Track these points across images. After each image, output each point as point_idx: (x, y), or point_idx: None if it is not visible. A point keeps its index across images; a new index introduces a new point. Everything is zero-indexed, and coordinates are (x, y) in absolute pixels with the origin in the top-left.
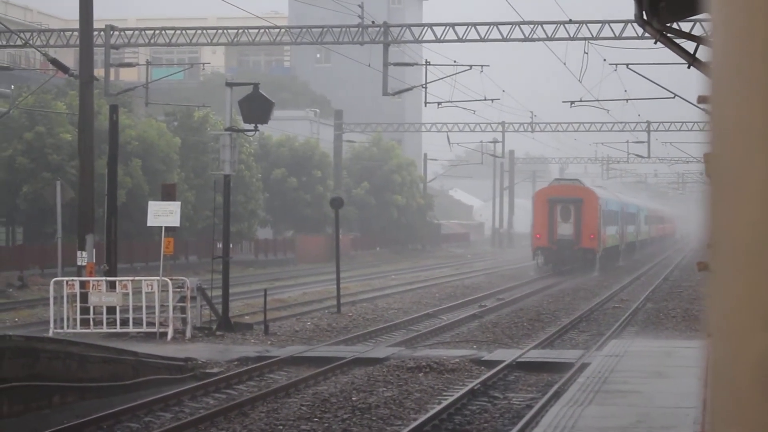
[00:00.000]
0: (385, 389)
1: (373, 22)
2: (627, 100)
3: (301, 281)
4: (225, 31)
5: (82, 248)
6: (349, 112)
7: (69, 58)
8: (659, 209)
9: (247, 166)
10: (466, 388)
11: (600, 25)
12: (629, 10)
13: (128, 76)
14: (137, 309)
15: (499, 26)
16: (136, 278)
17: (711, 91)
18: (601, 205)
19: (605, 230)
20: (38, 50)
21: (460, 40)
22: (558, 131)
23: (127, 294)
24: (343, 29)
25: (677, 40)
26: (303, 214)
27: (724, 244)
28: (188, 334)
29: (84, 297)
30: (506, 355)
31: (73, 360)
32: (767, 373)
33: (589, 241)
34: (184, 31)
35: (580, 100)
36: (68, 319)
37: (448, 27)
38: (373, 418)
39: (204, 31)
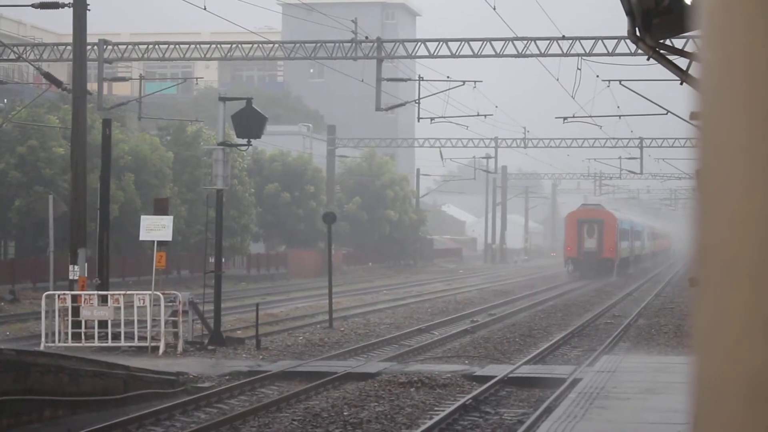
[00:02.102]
0: (376, 404)
1: (366, 37)
2: (620, 116)
3: (293, 296)
4: (218, 45)
5: (74, 262)
6: (342, 127)
7: (62, 72)
8: (658, 227)
9: (240, 181)
10: (458, 404)
11: (593, 41)
12: (622, 26)
13: (121, 90)
14: (129, 323)
15: (493, 42)
16: (128, 292)
17: (700, 106)
18: (618, 225)
19: (620, 244)
20: (31, 64)
21: (453, 55)
22: (551, 147)
23: (119, 308)
24: (337, 44)
25: (670, 57)
26: (295, 229)
27: (713, 259)
28: (180, 348)
29: (76, 311)
30: (498, 370)
31: (65, 374)
32: (760, 390)
33: (609, 252)
34: (177, 46)
35: (573, 116)
36: (60, 333)
37: (441, 42)
38: None
39: (197, 46)
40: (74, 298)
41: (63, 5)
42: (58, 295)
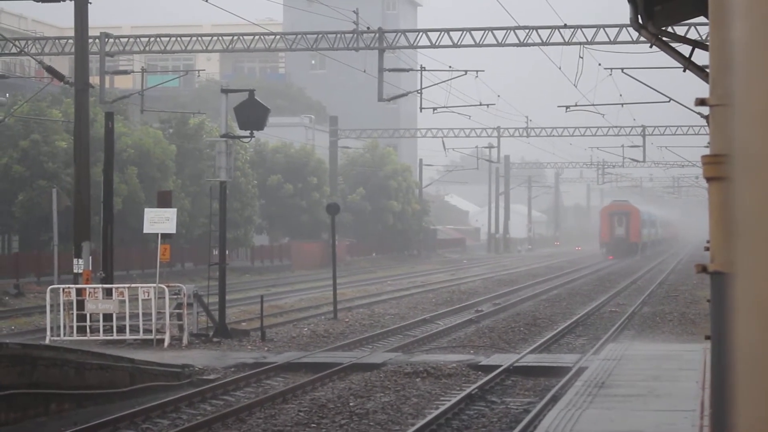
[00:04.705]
0: (382, 394)
1: (368, 28)
2: (622, 104)
3: (297, 287)
4: (220, 37)
5: (78, 256)
6: (344, 118)
7: (64, 65)
8: (668, 216)
9: (242, 173)
10: (464, 393)
11: (595, 29)
12: (624, 14)
13: (123, 83)
14: (134, 316)
15: (494, 31)
16: (133, 285)
17: (737, 87)
18: (641, 216)
19: (642, 231)
20: (33, 58)
21: (455, 45)
22: (553, 136)
23: (124, 301)
24: (338, 35)
25: (672, 44)
26: (299, 221)
27: (751, 242)
28: (185, 340)
29: (80, 304)
30: (503, 359)
31: (70, 367)
32: None
33: (635, 237)
34: (178, 38)
35: (576, 105)
36: (65, 326)
37: (443, 32)
38: (371, 424)
39: (199, 38)
40: (79, 292)
41: None
42: (63, 289)
